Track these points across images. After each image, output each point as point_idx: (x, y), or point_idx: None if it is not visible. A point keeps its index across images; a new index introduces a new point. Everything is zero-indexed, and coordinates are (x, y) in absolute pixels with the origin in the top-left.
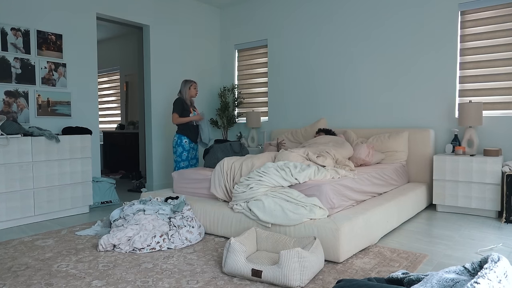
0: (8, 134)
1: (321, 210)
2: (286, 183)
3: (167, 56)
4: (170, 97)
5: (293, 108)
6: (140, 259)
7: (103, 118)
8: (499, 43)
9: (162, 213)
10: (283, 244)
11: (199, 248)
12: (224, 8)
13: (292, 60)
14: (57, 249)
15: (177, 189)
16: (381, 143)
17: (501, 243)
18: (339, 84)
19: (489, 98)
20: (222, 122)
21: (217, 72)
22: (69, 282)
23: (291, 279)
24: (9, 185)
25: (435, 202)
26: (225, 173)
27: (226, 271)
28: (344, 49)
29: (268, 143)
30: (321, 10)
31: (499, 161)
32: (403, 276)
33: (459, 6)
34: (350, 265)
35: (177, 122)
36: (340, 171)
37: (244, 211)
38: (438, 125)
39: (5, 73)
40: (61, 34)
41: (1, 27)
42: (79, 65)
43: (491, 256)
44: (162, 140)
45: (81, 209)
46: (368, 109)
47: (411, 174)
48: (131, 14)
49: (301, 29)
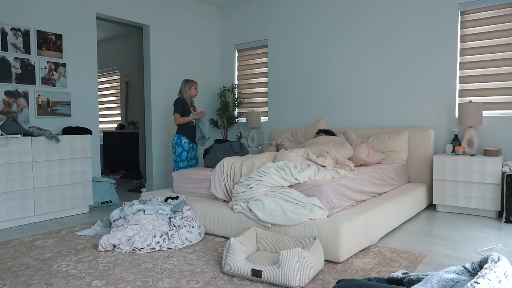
0: (8, 134)
1: (321, 210)
2: (286, 183)
3: (167, 56)
4: (170, 97)
5: (293, 108)
6: (140, 259)
7: (103, 118)
8: (499, 43)
9: (162, 213)
10: (283, 244)
11: (199, 248)
12: (224, 8)
13: (292, 60)
14: (57, 249)
15: (177, 189)
16: (381, 143)
17: (501, 243)
18: (339, 84)
19: (489, 98)
20: (222, 122)
21: (217, 72)
22: (69, 282)
23: (291, 279)
24: (9, 185)
25: (435, 202)
26: (225, 173)
27: (226, 271)
28: (344, 49)
29: (268, 143)
30: (321, 10)
31: (499, 161)
32: (403, 276)
33: (459, 6)
34: (350, 265)
35: (179, 122)
36: (340, 171)
37: (244, 211)
38: (438, 125)
39: (5, 73)
40: (61, 34)
41: (1, 27)
42: (79, 65)
43: (491, 256)
44: (162, 140)
45: (81, 209)
46: (368, 109)
47: (411, 174)
48: (131, 14)
49: (301, 29)
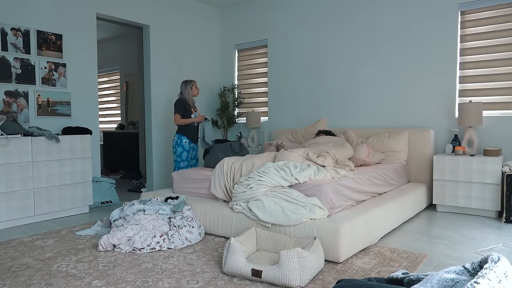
0: (8, 134)
1: (321, 210)
2: (286, 183)
3: (167, 56)
4: (170, 97)
5: (293, 108)
6: (140, 259)
7: (103, 118)
8: (499, 43)
9: (162, 213)
10: (283, 244)
11: (199, 248)
12: (224, 8)
13: (292, 60)
14: (57, 249)
15: (177, 189)
16: (381, 143)
17: (501, 243)
18: (339, 84)
19: (489, 98)
20: (222, 122)
21: (217, 72)
22: (69, 282)
23: (291, 279)
24: (9, 185)
25: (435, 202)
26: (225, 173)
27: (226, 271)
28: (344, 49)
29: (268, 143)
30: (321, 10)
31: (499, 161)
32: (403, 276)
33: (459, 6)
34: (350, 265)
35: (179, 123)
36: (340, 171)
37: (244, 211)
38: (438, 125)
39: (5, 73)
40: (61, 34)
41: (1, 27)
42: (79, 65)
43: (491, 256)
44: (162, 140)
45: (81, 209)
46: (368, 109)
47: (411, 174)
48: (131, 14)
49: (301, 29)
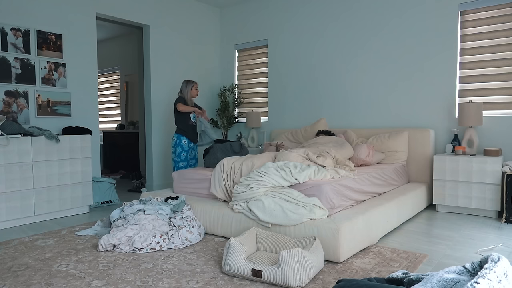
0: (8, 134)
1: (321, 210)
2: (286, 183)
3: (167, 56)
4: (170, 97)
5: (293, 108)
6: (140, 259)
7: (103, 118)
8: (499, 43)
9: (162, 213)
10: (283, 244)
11: (199, 248)
12: (224, 8)
13: (292, 60)
14: (57, 249)
15: (177, 189)
16: (381, 143)
17: (501, 243)
18: (339, 84)
19: (489, 98)
20: (222, 122)
21: (217, 72)
22: (69, 282)
23: (291, 279)
24: (9, 185)
25: (435, 202)
26: (225, 173)
27: (226, 271)
28: (344, 49)
29: (268, 143)
30: (321, 10)
31: (499, 161)
32: (403, 276)
33: (459, 6)
34: (350, 265)
35: (182, 109)
36: (340, 171)
37: (244, 211)
38: (438, 125)
39: (5, 73)
40: (61, 34)
41: (1, 27)
42: (79, 65)
43: (491, 256)
44: (162, 140)
45: (81, 209)
46: (368, 109)
47: (411, 174)
48: (131, 14)
49: (301, 29)
